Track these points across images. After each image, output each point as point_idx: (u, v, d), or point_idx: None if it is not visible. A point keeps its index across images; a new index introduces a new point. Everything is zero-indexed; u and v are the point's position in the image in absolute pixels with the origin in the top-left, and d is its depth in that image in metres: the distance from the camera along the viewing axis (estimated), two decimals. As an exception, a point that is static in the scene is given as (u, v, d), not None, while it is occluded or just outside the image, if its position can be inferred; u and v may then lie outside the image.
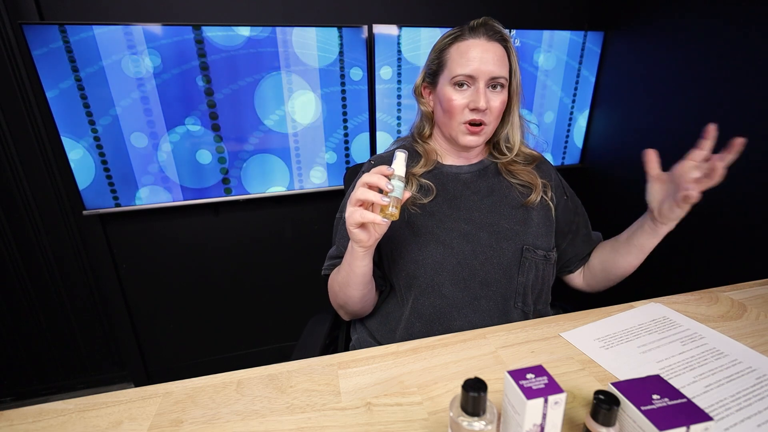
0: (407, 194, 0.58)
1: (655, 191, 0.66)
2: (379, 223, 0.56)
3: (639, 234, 0.70)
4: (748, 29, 1.08)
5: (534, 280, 0.73)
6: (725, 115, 1.16)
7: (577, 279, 0.84)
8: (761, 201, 1.08)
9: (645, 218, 0.70)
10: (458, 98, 0.69)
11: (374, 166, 0.78)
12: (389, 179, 0.56)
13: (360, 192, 0.56)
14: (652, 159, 0.66)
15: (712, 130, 0.58)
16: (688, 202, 0.59)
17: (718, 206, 1.18)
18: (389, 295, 0.76)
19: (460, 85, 0.69)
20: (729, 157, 0.57)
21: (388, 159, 0.79)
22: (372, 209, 0.58)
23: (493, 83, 0.69)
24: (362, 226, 0.58)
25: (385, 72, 1.39)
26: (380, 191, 0.57)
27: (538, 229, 0.74)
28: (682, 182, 0.60)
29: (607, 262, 0.77)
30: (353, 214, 0.56)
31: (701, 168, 0.59)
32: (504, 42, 0.70)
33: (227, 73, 1.26)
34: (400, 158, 0.57)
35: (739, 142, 0.57)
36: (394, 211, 0.57)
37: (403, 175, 0.57)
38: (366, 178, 0.56)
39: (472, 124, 0.70)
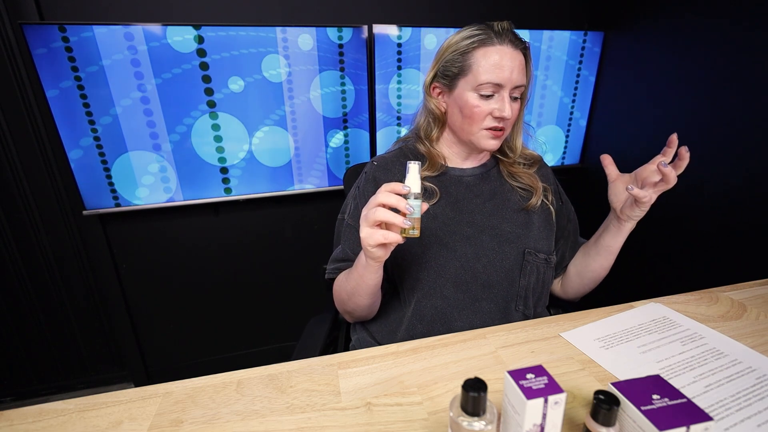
0: (425, 206, 0.56)
1: (619, 191, 0.69)
2: (401, 242, 0.55)
3: (605, 235, 0.73)
4: (747, 29, 1.08)
5: (535, 283, 0.73)
6: (725, 115, 1.16)
7: (555, 285, 0.85)
8: (761, 201, 1.08)
9: (609, 219, 0.72)
10: (483, 105, 0.68)
11: (377, 167, 0.77)
12: (406, 198, 0.53)
13: (380, 213, 0.53)
14: (609, 164, 0.70)
15: (674, 140, 0.63)
16: (642, 204, 0.64)
17: (718, 206, 1.18)
18: (390, 296, 0.76)
19: (486, 93, 0.68)
20: (681, 164, 0.62)
21: (391, 161, 0.77)
22: (390, 228, 0.56)
23: (515, 92, 0.69)
24: (381, 245, 0.56)
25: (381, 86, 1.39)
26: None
27: (540, 233, 0.74)
28: (643, 185, 0.65)
29: (579, 266, 0.79)
30: (373, 235, 0.54)
31: (659, 172, 0.63)
32: (525, 50, 0.70)
33: (227, 72, 1.26)
34: (414, 171, 0.54)
35: (684, 150, 0.62)
36: (415, 233, 0.55)
37: (420, 190, 0.54)
38: (382, 198, 0.54)
39: (494, 129, 0.70)
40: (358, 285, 0.65)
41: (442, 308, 0.70)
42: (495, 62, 0.66)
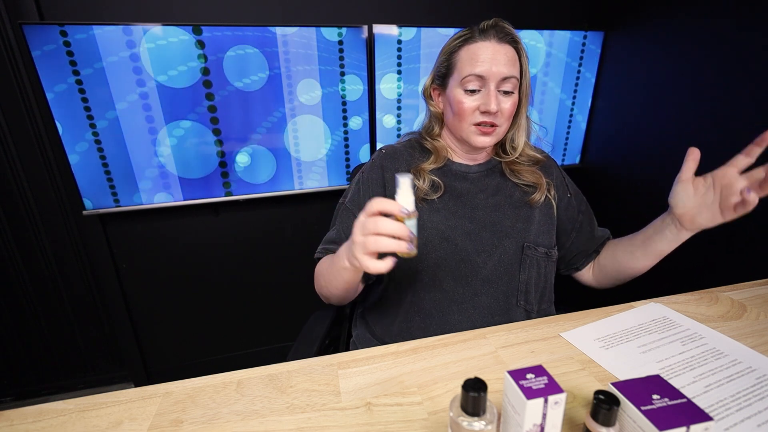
0: (414, 215, 0.53)
1: (687, 196, 0.61)
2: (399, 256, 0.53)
3: (658, 240, 0.69)
4: (747, 29, 1.08)
5: (536, 277, 0.73)
6: (724, 115, 1.16)
7: (586, 276, 0.84)
8: (761, 201, 1.08)
9: (665, 224, 0.67)
10: (468, 101, 0.69)
11: (384, 155, 0.78)
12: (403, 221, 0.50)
13: (383, 243, 0.49)
14: (693, 160, 0.60)
15: (766, 138, 0.53)
16: (746, 207, 0.56)
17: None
18: (389, 288, 0.77)
19: (471, 88, 0.69)
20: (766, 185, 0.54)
21: (399, 150, 0.79)
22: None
23: (503, 85, 0.68)
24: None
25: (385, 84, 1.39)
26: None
27: (540, 227, 0.74)
28: (733, 190, 0.57)
29: (621, 263, 0.76)
30: (377, 242, 0.49)
31: (747, 177, 0.56)
32: (515, 43, 0.70)
33: (227, 72, 1.26)
34: (405, 187, 0.50)
35: None
36: (414, 250, 0.51)
37: (413, 206, 0.51)
38: (382, 228, 0.49)
39: (483, 125, 0.70)
40: (335, 278, 0.64)
41: (440, 301, 0.70)
42: (476, 56, 0.68)
